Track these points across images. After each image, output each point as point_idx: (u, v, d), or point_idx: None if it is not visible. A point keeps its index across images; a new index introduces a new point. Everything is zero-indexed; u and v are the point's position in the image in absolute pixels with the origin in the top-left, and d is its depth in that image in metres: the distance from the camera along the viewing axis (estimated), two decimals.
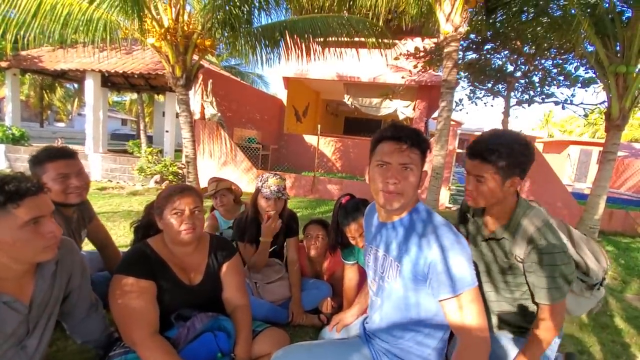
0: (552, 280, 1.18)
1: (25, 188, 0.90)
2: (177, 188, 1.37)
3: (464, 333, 1.02)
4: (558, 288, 1.17)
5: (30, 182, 0.92)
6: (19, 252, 0.93)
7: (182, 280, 1.37)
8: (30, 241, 0.92)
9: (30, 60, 7.91)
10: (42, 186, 0.96)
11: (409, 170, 1.07)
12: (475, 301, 1.01)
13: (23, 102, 14.39)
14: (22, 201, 0.89)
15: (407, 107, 9.40)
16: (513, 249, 1.25)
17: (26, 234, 0.91)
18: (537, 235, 1.18)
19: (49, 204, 0.97)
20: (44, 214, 0.95)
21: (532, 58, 6.95)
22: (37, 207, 0.92)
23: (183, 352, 1.27)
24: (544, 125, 31.48)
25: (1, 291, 0.94)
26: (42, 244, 0.95)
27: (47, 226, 0.95)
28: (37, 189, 0.93)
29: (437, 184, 4.36)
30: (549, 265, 1.17)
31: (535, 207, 1.30)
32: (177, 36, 4.68)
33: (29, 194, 0.91)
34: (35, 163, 1.50)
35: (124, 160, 7.33)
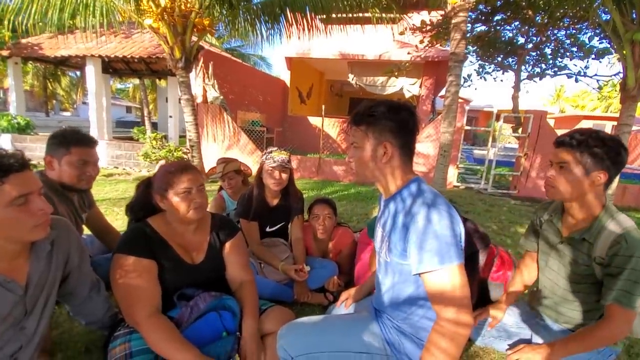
0: (634, 286, 1.12)
1: (8, 164, 0.86)
2: (177, 166, 1.33)
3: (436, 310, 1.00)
4: (635, 296, 1.12)
5: (14, 157, 0.88)
6: (9, 232, 0.89)
7: (183, 259, 1.35)
8: (20, 220, 0.89)
9: (31, 48, 7.84)
10: (26, 162, 0.91)
11: (355, 148, 1.13)
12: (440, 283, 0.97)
13: (27, 91, 14.44)
14: (7, 178, 0.85)
15: (413, 84, 9.16)
16: (594, 251, 1.21)
17: (14, 212, 0.87)
18: (625, 236, 1.14)
19: (35, 180, 0.92)
20: (32, 191, 0.90)
21: (545, 28, 6.66)
22: (23, 183, 0.88)
23: (187, 332, 1.25)
24: (555, 100, 30.65)
25: None
26: (32, 222, 0.91)
27: (35, 203, 0.91)
28: (21, 165, 0.89)
29: (444, 162, 4.27)
30: (634, 269, 1.12)
31: (620, 212, 1.23)
32: (174, 16, 4.55)
33: (12, 170, 0.86)
34: (61, 142, 1.52)
35: (128, 147, 7.33)
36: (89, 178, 1.60)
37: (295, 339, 1.20)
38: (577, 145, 1.16)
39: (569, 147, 1.18)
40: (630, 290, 1.12)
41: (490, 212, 4.67)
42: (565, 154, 1.19)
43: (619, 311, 1.14)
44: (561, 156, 1.20)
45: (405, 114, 1.08)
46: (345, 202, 4.71)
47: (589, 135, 1.16)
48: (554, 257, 1.38)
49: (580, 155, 1.16)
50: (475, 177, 7.43)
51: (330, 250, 2.25)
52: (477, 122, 18.96)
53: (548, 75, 7.83)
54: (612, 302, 1.15)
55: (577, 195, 1.21)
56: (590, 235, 1.22)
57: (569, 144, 1.18)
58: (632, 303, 1.12)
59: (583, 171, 1.16)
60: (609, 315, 1.17)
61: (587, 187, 1.18)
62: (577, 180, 1.18)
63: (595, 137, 1.15)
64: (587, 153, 1.15)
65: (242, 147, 6.96)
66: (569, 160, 1.18)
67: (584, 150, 1.15)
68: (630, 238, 1.13)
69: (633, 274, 1.12)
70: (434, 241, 0.97)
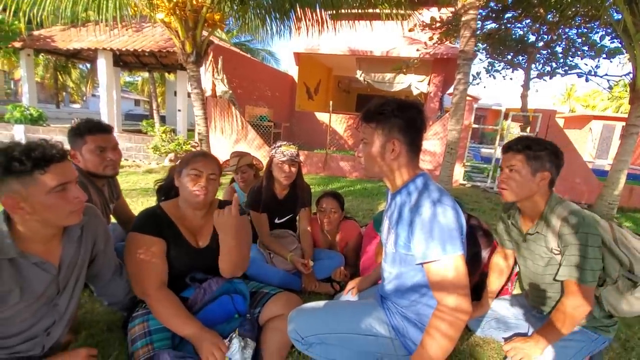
0: (582, 260, 1.21)
1: (51, 154, 0.93)
2: (201, 152, 1.44)
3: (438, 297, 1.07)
4: (586, 270, 1.20)
5: (55, 148, 0.95)
6: (47, 217, 0.97)
7: (189, 242, 1.43)
8: (58, 206, 0.96)
9: (43, 40, 7.96)
10: (66, 153, 0.99)
11: (365, 144, 1.19)
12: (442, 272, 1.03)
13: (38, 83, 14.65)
14: (49, 167, 0.93)
15: (421, 81, 9.14)
16: (548, 242, 1.31)
17: (53, 199, 0.94)
18: (570, 217, 1.24)
19: (73, 170, 1.00)
20: (70, 180, 0.98)
21: (556, 27, 6.59)
22: (62, 173, 0.96)
23: (201, 313, 1.33)
24: (566, 100, 30.22)
25: (31, 253, 0.99)
26: (69, 209, 0.99)
27: (72, 192, 0.99)
28: (62, 156, 0.96)
29: (451, 159, 4.28)
30: (581, 244, 1.21)
31: (566, 200, 1.34)
32: (186, 10, 4.61)
33: (54, 160, 0.94)
34: (76, 134, 1.59)
35: (138, 139, 7.44)
36: (111, 163, 1.65)
37: (306, 321, 1.27)
38: (522, 150, 1.31)
39: (516, 151, 1.33)
40: (581, 264, 1.21)
41: (495, 210, 4.69)
42: (513, 158, 1.33)
43: (573, 286, 1.24)
44: (510, 160, 1.34)
45: (414, 112, 1.13)
46: (352, 198, 4.77)
47: (532, 141, 1.32)
48: (523, 253, 1.48)
49: (527, 158, 1.30)
50: (482, 175, 7.42)
51: (337, 242, 2.31)
52: (485, 121, 18.82)
53: (558, 74, 7.74)
54: (565, 277, 1.25)
55: (527, 194, 1.34)
56: (542, 228, 1.34)
57: (516, 149, 1.33)
58: (584, 277, 1.21)
59: (530, 172, 1.31)
60: (566, 292, 1.27)
61: (534, 187, 1.32)
62: (525, 181, 1.31)
63: (538, 142, 1.32)
64: (532, 156, 1.30)
65: (249, 142, 7.03)
66: (516, 164, 1.32)
67: (529, 154, 1.30)
68: (573, 217, 1.24)
69: (581, 249, 1.21)
70: (438, 232, 1.02)
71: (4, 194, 0.90)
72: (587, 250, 1.20)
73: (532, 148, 1.30)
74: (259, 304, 1.47)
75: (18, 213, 0.93)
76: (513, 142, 1.37)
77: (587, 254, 1.20)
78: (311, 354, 1.29)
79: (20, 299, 0.96)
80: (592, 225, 1.23)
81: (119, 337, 1.46)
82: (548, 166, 1.30)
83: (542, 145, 1.31)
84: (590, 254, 1.20)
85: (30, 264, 0.98)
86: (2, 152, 0.90)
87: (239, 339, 1.21)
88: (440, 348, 1.02)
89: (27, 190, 0.91)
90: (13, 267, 0.95)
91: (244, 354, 1.20)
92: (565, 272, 1.25)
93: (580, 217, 1.24)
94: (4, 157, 0.89)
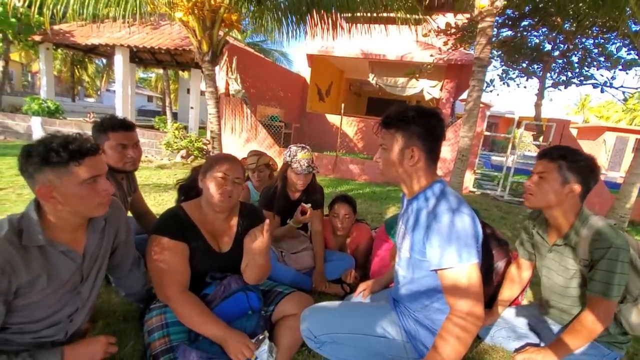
0: (610, 276, 1.21)
1: (86, 148, 0.97)
2: (228, 156, 1.45)
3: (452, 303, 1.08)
4: (612, 285, 1.20)
5: (90, 142, 1.00)
6: (77, 207, 1.01)
7: (211, 245, 1.43)
8: (88, 197, 1.00)
9: (63, 34, 8.13)
10: (99, 147, 1.03)
11: (383, 150, 1.18)
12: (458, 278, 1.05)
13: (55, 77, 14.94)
14: (83, 160, 0.97)
15: (434, 87, 9.11)
16: (578, 255, 1.31)
17: (84, 190, 0.98)
18: (602, 231, 1.24)
19: (104, 164, 1.05)
20: (101, 173, 1.02)
21: (573, 36, 6.53)
22: (95, 166, 1.00)
23: (217, 309, 1.35)
24: (580, 110, 29.78)
25: (59, 241, 1.03)
26: (97, 201, 1.03)
27: (102, 184, 1.03)
28: (95, 150, 1.01)
29: (462, 166, 4.26)
30: (611, 259, 1.21)
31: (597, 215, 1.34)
32: (204, 10, 4.68)
33: (89, 154, 0.98)
34: (99, 130, 1.64)
35: (151, 135, 7.54)
36: (132, 160, 1.70)
37: (319, 320, 1.29)
38: (557, 159, 1.29)
39: (550, 159, 1.31)
40: (608, 280, 1.21)
41: (505, 219, 4.66)
42: (546, 165, 1.31)
43: (597, 301, 1.24)
44: (542, 167, 1.33)
45: (434, 120, 1.14)
46: (360, 201, 4.77)
47: (568, 152, 1.30)
48: (547, 264, 1.47)
49: (559, 167, 1.28)
50: (492, 183, 7.36)
51: (348, 244, 2.33)
52: (496, 128, 18.65)
53: (574, 83, 7.67)
54: (591, 293, 1.25)
55: (553, 203, 1.32)
56: (571, 240, 1.32)
57: (551, 157, 1.31)
58: (609, 292, 1.21)
59: (560, 181, 1.29)
60: (589, 305, 1.27)
61: (563, 197, 1.30)
62: (555, 189, 1.29)
63: (574, 153, 1.29)
64: (565, 167, 1.27)
65: (260, 141, 7.09)
66: (547, 172, 1.30)
67: (562, 164, 1.28)
68: (605, 234, 1.23)
69: (610, 264, 1.20)
70: (454, 240, 1.04)
71: (39, 183, 0.94)
72: (617, 265, 1.20)
73: (567, 158, 1.28)
74: (272, 303, 1.50)
75: (50, 202, 0.97)
76: (549, 149, 1.36)
77: (616, 269, 1.20)
78: (322, 353, 1.31)
79: (47, 285, 1.00)
80: (624, 240, 1.23)
81: (135, 327, 1.50)
82: (580, 179, 1.28)
83: (579, 157, 1.29)
84: (619, 269, 1.20)
85: (58, 252, 1.02)
86: (42, 143, 0.94)
87: (269, 341, 1.24)
88: (453, 351, 1.04)
89: (60, 181, 0.95)
90: (42, 254, 0.99)
91: (271, 355, 1.22)
92: (596, 287, 1.24)
93: (612, 232, 1.23)
94: (43, 148, 0.93)
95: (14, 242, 0.93)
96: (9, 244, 0.91)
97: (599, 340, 1.35)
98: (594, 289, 1.24)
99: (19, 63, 19.79)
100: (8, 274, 0.90)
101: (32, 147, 0.94)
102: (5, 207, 3.06)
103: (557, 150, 1.32)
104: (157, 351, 1.22)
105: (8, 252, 0.90)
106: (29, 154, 0.94)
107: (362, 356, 1.25)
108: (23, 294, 0.95)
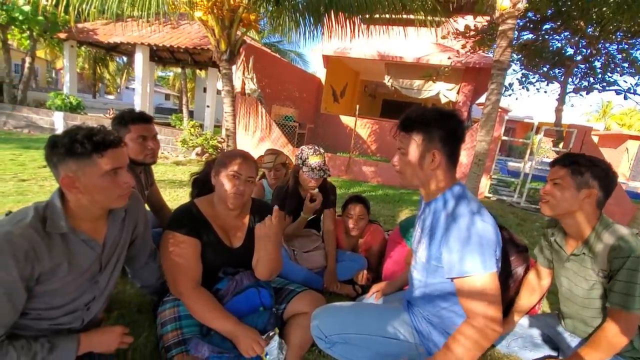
0: (630, 287, 1.16)
1: (109, 140, 0.99)
2: (242, 153, 1.45)
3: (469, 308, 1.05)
4: (633, 297, 1.15)
5: (113, 135, 1.02)
6: (98, 198, 1.03)
7: (223, 241, 1.45)
8: (109, 188, 1.02)
9: (86, 32, 8.38)
10: (121, 140, 1.05)
11: (402, 153, 1.15)
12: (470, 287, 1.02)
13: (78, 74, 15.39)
14: (106, 152, 0.99)
15: (450, 90, 9.00)
16: (596, 265, 1.27)
17: (106, 182, 1.00)
18: (621, 241, 1.19)
19: (126, 157, 1.06)
20: (122, 166, 1.04)
21: (596, 41, 6.33)
22: (117, 158, 1.02)
23: (229, 304, 1.36)
24: (601, 117, 28.91)
25: (81, 230, 1.05)
26: (118, 193, 1.04)
27: (123, 177, 1.04)
28: (118, 142, 1.03)
29: (478, 170, 4.19)
30: (630, 269, 1.16)
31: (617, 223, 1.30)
32: (223, 9, 4.74)
33: (112, 146, 1.00)
34: (120, 122, 1.68)
35: (168, 132, 7.68)
36: (151, 152, 1.74)
37: (330, 320, 1.28)
38: (569, 165, 1.29)
39: (562, 166, 1.31)
40: (628, 291, 1.16)
41: (522, 226, 4.55)
42: (559, 171, 1.31)
43: (617, 314, 1.19)
44: (555, 174, 1.32)
45: (455, 123, 1.10)
46: (373, 203, 4.73)
47: (580, 157, 1.30)
48: (566, 274, 1.42)
49: (572, 173, 1.27)
50: (508, 189, 7.21)
51: (360, 245, 2.32)
52: (513, 133, 18.26)
53: (596, 89, 7.44)
54: (611, 305, 1.20)
55: (568, 210, 1.30)
56: (589, 250, 1.28)
57: (563, 163, 1.31)
58: (631, 304, 1.16)
59: (574, 188, 1.27)
60: (610, 318, 1.22)
61: (578, 203, 1.28)
62: (569, 196, 1.28)
63: (586, 159, 1.29)
64: (577, 172, 1.27)
65: (274, 141, 7.13)
66: (561, 178, 1.29)
67: (574, 169, 1.27)
68: (624, 242, 1.19)
69: (630, 275, 1.16)
70: (477, 246, 1.01)
71: (63, 173, 0.96)
72: (637, 276, 1.15)
73: (579, 163, 1.27)
74: (284, 301, 1.49)
75: (72, 192, 0.99)
76: (561, 156, 1.35)
77: (637, 280, 1.15)
78: (333, 353, 1.30)
79: (67, 273, 1.02)
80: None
81: (148, 319, 1.52)
82: (595, 184, 1.25)
83: (591, 162, 1.27)
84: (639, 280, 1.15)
85: (79, 241, 1.04)
86: (67, 134, 0.96)
87: (279, 338, 1.24)
88: (467, 355, 1.01)
89: (83, 172, 0.97)
90: (64, 242, 1.01)
91: (281, 352, 1.22)
92: (615, 299, 1.19)
93: (632, 242, 1.18)
94: (68, 139, 0.95)
95: (39, 229, 0.95)
96: (33, 230, 0.94)
97: (622, 354, 1.29)
98: (614, 300, 1.19)
99: (44, 60, 20.44)
100: (31, 259, 0.92)
101: (58, 137, 0.97)
102: (28, 198, 3.17)
103: (570, 156, 1.32)
104: (170, 343, 1.24)
105: (32, 238, 0.93)
106: (54, 144, 0.96)
107: (373, 357, 1.24)
108: (44, 280, 0.98)
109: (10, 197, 3.13)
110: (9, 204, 2.94)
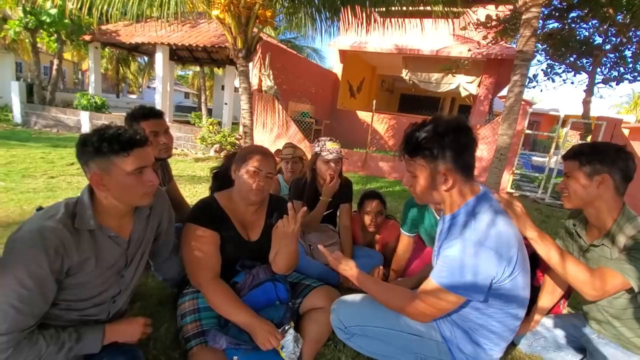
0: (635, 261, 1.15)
1: (136, 140, 1.02)
2: (262, 149, 1.47)
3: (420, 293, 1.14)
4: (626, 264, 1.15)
5: (139, 134, 1.04)
6: (124, 196, 1.06)
7: (241, 235, 1.48)
8: (134, 187, 1.05)
9: (109, 34, 8.65)
10: (147, 139, 1.08)
11: (413, 177, 1.12)
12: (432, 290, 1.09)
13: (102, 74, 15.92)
14: (132, 151, 1.01)
15: (471, 82, 8.75)
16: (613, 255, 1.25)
17: (132, 180, 1.03)
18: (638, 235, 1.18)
19: (151, 156, 1.09)
20: (147, 164, 1.07)
21: (626, 29, 6.01)
22: (142, 157, 1.04)
23: (246, 297, 1.39)
24: (632, 108, 27.46)
25: (108, 227, 1.09)
26: (143, 191, 1.07)
27: (148, 175, 1.07)
28: (144, 142, 1.06)
29: (499, 165, 4.06)
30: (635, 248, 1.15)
31: None
32: (239, 7, 4.78)
33: (138, 145, 1.03)
34: (131, 120, 1.71)
35: (187, 130, 7.85)
36: (165, 146, 1.76)
37: (351, 311, 1.28)
38: (576, 156, 1.30)
39: (570, 158, 1.33)
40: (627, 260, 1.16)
41: (546, 223, 4.41)
42: (569, 165, 1.33)
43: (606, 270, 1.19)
44: (567, 168, 1.34)
45: (462, 136, 1.03)
46: (390, 199, 4.69)
47: (585, 146, 1.32)
48: None
49: (580, 164, 1.29)
50: (532, 185, 6.96)
51: (377, 241, 2.30)
52: (538, 127, 17.61)
53: (626, 79, 7.07)
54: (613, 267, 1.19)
55: (586, 200, 1.30)
56: (609, 241, 1.26)
57: (570, 156, 1.33)
58: (620, 265, 1.16)
59: (585, 177, 1.27)
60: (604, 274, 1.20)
61: (594, 192, 1.27)
62: (582, 186, 1.28)
63: (589, 146, 1.31)
64: (585, 161, 1.28)
65: (291, 136, 7.16)
66: (572, 170, 1.31)
67: (581, 158, 1.28)
68: None
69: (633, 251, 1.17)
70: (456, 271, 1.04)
71: (91, 170, 1.00)
72: None
73: (584, 152, 1.28)
74: (300, 295, 1.51)
75: (100, 189, 1.03)
76: (570, 148, 1.37)
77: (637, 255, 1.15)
78: (351, 344, 1.30)
79: (94, 267, 1.06)
80: None
81: (169, 310, 1.57)
82: (606, 168, 1.24)
83: (595, 148, 1.28)
84: None
85: (106, 237, 1.08)
86: (96, 133, 1.00)
87: (294, 331, 1.26)
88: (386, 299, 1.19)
89: (109, 170, 1.00)
90: (92, 238, 1.05)
91: (297, 345, 1.24)
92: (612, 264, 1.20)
93: None
94: (97, 138, 0.98)
95: (68, 225, 0.99)
96: (63, 226, 0.98)
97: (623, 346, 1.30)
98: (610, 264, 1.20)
99: (70, 62, 21.24)
100: (61, 254, 0.96)
101: (88, 136, 1.00)
102: (57, 194, 3.31)
103: (577, 147, 1.34)
104: (189, 334, 1.28)
105: (62, 233, 0.97)
106: (84, 143, 1.00)
107: (392, 351, 1.23)
108: (73, 273, 1.02)
109: (40, 194, 3.29)
110: (39, 199, 3.09)
